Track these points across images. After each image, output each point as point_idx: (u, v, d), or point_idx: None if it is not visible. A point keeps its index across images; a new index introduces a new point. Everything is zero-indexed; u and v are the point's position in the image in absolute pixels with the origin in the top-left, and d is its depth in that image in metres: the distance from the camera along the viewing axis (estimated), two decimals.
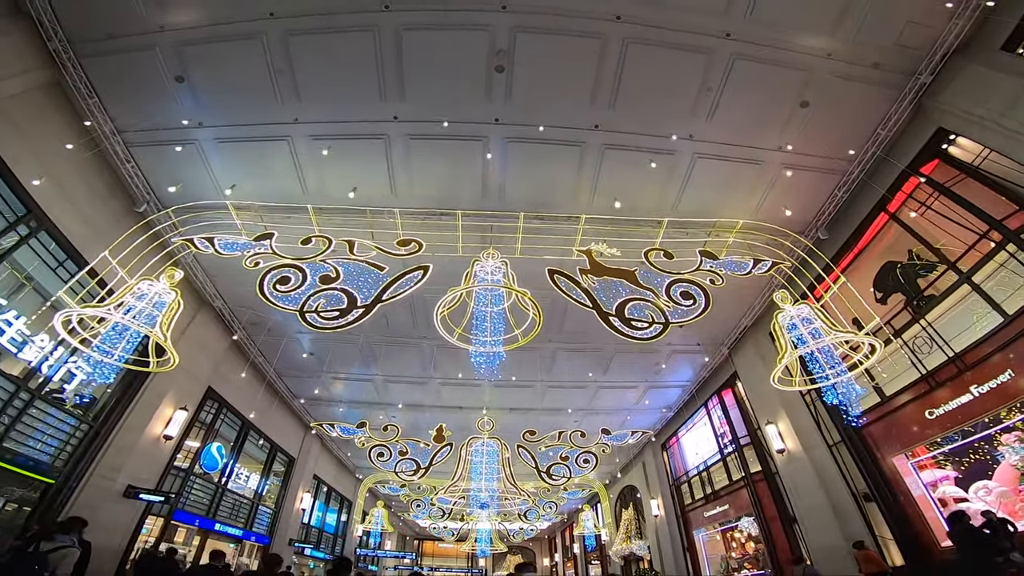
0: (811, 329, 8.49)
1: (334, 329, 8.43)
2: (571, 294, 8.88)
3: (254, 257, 9.20)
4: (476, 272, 9.24)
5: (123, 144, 9.75)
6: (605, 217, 10.23)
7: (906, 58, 8.27)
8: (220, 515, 13.60)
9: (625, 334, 8.40)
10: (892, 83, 8.59)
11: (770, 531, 12.57)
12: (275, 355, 13.67)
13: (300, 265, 9.17)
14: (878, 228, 10.61)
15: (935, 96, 8.44)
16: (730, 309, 12.56)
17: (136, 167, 10.15)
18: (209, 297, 12.28)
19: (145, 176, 10.36)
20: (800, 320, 8.66)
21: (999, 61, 7.58)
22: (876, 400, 10.25)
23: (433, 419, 14.82)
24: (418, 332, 12.35)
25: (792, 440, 11.80)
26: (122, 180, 10.15)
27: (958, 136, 8.59)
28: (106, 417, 10.64)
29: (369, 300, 8.76)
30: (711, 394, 14.83)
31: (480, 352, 8.26)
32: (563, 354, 13.13)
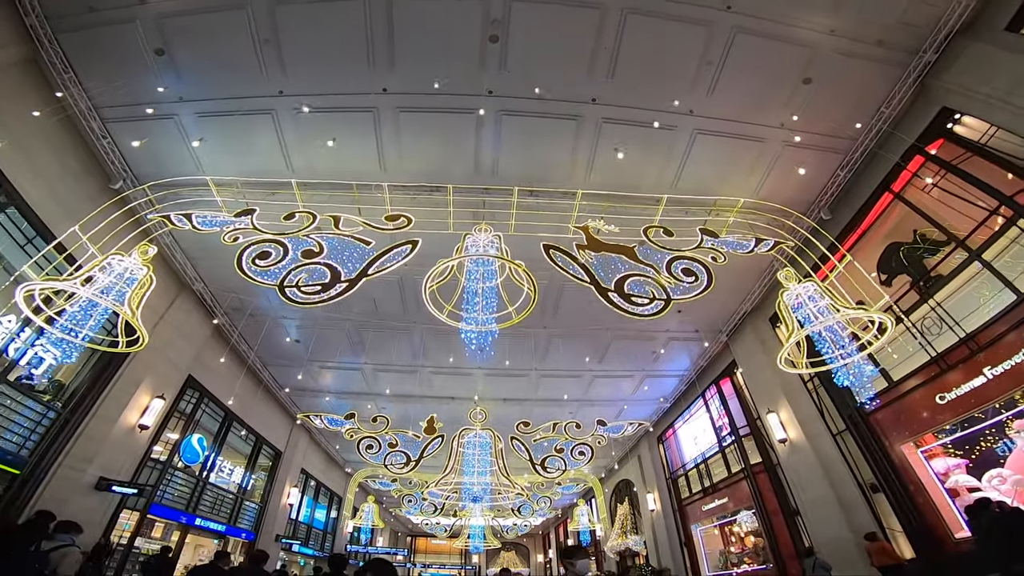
0: (818, 307, 8.01)
1: (315, 304, 7.85)
2: (568, 269, 8.33)
3: (233, 232, 8.66)
4: (468, 246, 8.67)
5: (99, 120, 9.23)
6: (602, 193, 9.71)
7: (910, 36, 7.98)
8: (201, 510, 12.86)
9: (625, 310, 7.91)
10: (896, 61, 8.28)
11: (771, 524, 12.01)
12: (259, 342, 12.98)
13: (281, 240, 8.64)
14: (882, 208, 10.20)
15: (939, 75, 8.13)
16: (729, 295, 12.04)
17: (113, 143, 9.59)
18: (189, 280, 11.59)
19: (122, 153, 9.81)
20: (807, 297, 8.17)
21: (1004, 41, 7.29)
22: (883, 385, 9.73)
23: (424, 410, 14.16)
24: (408, 316, 11.71)
25: (794, 429, 11.25)
26: (98, 157, 9.56)
27: (963, 115, 8.28)
28: (76, 405, 9.92)
29: (354, 275, 8.17)
30: (709, 383, 14.27)
31: (472, 330, 7.64)
32: (558, 341, 12.53)
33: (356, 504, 20.81)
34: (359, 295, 11.74)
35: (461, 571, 30.66)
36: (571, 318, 11.81)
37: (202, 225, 8.84)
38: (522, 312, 8.18)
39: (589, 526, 20.62)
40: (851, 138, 9.60)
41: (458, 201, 9.66)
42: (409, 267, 10.99)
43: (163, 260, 11.22)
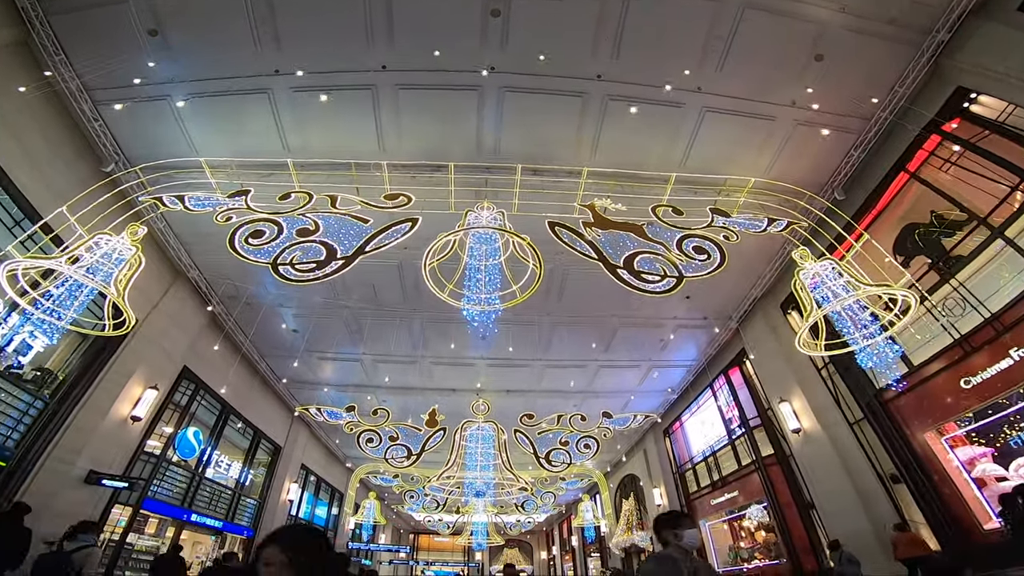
0: (837, 286, 7.54)
1: (310, 282, 7.44)
2: (574, 246, 7.87)
3: (226, 212, 8.29)
4: (470, 223, 8.21)
5: (91, 103, 8.80)
6: (609, 170, 9.28)
7: (922, 15, 7.66)
8: (197, 505, 12.35)
9: (635, 287, 7.49)
10: (908, 40, 7.97)
11: (784, 518, 11.45)
12: (257, 332, 12.51)
13: (276, 219, 8.24)
14: (897, 188, 9.77)
15: (952, 55, 7.83)
16: (739, 279, 11.54)
17: (104, 126, 9.25)
18: (183, 267, 11.13)
19: (114, 136, 9.47)
20: (826, 274, 7.70)
21: (1018, 20, 7.00)
22: (904, 370, 9.19)
23: (425, 402, 13.66)
24: (408, 303, 11.21)
25: (808, 419, 10.70)
26: (89, 141, 9.15)
27: (979, 94, 7.98)
28: (65, 394, 9.44)
29: (350, 252, 7.74)
30: (718, 373, 13.73)
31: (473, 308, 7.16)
32: (562, 330, 12.03)
33: (358, 501, 20.26)
34: (358, 281, 11.32)
35: (464, 569, 30.02)
36: (576, 305, 11.31)
37: (195, 206, 8.50)
38: (527, 290, 7.70)
39: (594, 522, 20.03)
40: (864, 118, 9.24)
41: (459, 180, 9.23)
42: (409, 251, 10.57)
43: (157, 247, 10.78)
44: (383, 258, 10.80)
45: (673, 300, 11.88)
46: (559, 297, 11.25)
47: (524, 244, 7.60)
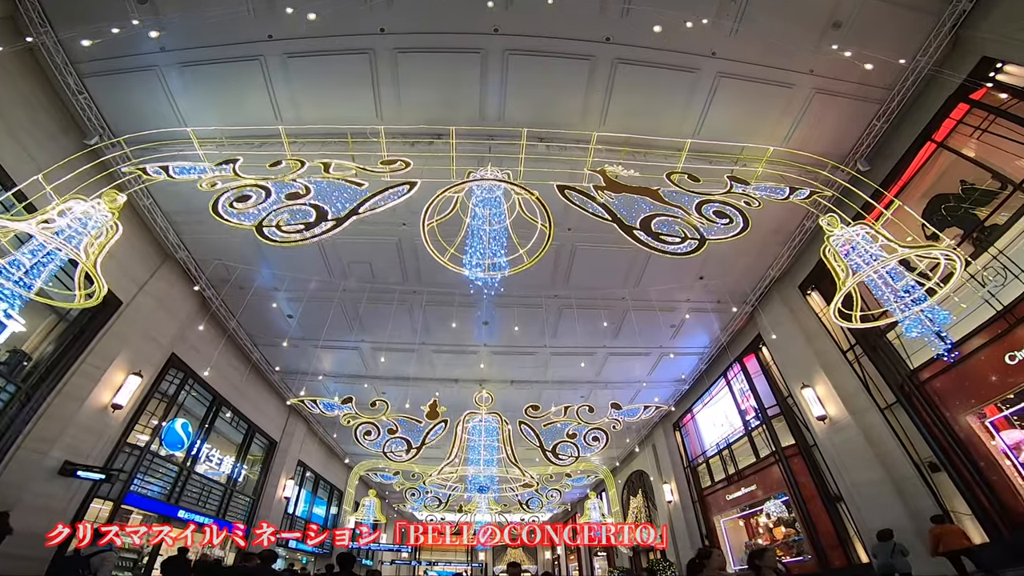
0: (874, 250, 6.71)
1: (296, 243, 6.65)
2: (586, 208, 7.06)
3: (212, 179, 7.53)
4: (474, 187, 7.38)
5: (76, 75, 8.12)
6: (620, 135, 8.48)
7: None
8: (185, 501, 11.41)
9: (653, 247, 6.72)
10: (930, 9, 7.43)
11: (808, 512, 10.46)
12: (249, 318, 11.66)
13: (264, 184, 7.46)
14: (924, 159, 8.98)
15: (975, 25, 7.37)
16: (753, 260, 10.71)
17: (90, 99, 8.60)
18: (171, 248, 10.31)
19: (99, 109, 8.72)
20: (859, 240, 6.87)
21: None
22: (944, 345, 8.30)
23: (425, 393, 12.74)
24: (408, 285, 10.35)
25: (835, 405, 9.77)
26: (73, 114, 8.45)
27: (1005, 63, 7.43)
28: (40, 380, 8.59)
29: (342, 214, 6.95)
30: (732, 361, 12.79)
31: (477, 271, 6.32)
32: (569, 313, 11.14)
33: (357, 499, 19.25)
34: (354, 259, 10.48)
35: (467, 569, 28.80)
36: (584, 286, 10.44)
37: (178, 174, 7.74)
38: (536, 254, 6.86)
39: (600, 520, 18.97)
40: (887, 87, 8.51)
41: (461, 148, 8.45)
42: (408, 228, 9.78)
43: (143, 225, 10.00)
44: (381, 236, 10.02)
45: (686, 282, 11.07)
46: (567, 277, 10.39)
47: (532, 200, 6.77)
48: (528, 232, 7.36)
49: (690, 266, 10.67)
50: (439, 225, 7.32)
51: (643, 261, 10.30)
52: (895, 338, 9.22)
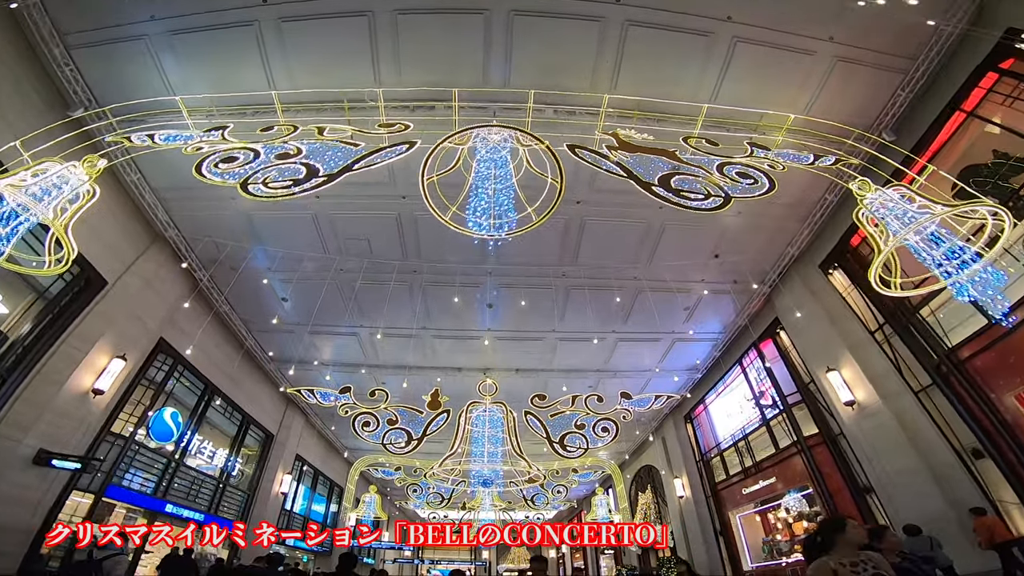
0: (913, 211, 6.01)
1: (282, 197, 5.98)
2: (599, 165, 6.35)
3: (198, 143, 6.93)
4: (478, 146, 6.68)
5: (63, 47, 7.52)
6: (632, 98, 7.77)
7: None
8: (174, 495, 10.61)
9: (673, 202, 6.04)
10: None
11: (835, 505, 9.59)
12: (243, 303, 10.93)
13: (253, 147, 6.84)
14: (953, 129, 8.27)
15: None
16: (770, 238, 9.96)
17: (76, 70, 7.97)
18: (160, 226, 9.61)
19: (86, 81, 8.10)
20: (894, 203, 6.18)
21: None
22: (981, 324, 7.52)
23: (427, 383, 11.97)
24: (408, 263, 9.60)
25: (864, 390, 8.94)
26: (59, 87, 7.82)
27: None
28: (16, 362, 7.86)
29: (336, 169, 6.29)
30: (748, 346, 11.96)
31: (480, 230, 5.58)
32: (578, 295, 10.36)
33: (358, 495, 18.37)
34: (351, 235, 9.76)
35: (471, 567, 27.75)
36: (594, 263, 9.68)
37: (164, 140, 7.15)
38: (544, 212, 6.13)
39: (608, 517, 18.05)
40: (910, 57, 7.79)
41: (464, 113, 7.76)
42: (408, 201, 9.06)
43: (131, 203, 9.35)
44: (380, 210, 9.31)
45: (700, 259, 10.31)
46: (575, 254, 9.63)
47: (542, 150, 6.05)
48: (536, 194, 6.64)
49: (705, 243, 9.93)
50: (441, 186, 6.61)
51: (656, 236, 9.55)
52: (929, 315, 8.43)
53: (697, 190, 6.34)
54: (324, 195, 9.23)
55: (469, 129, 6.32)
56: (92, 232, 8.99)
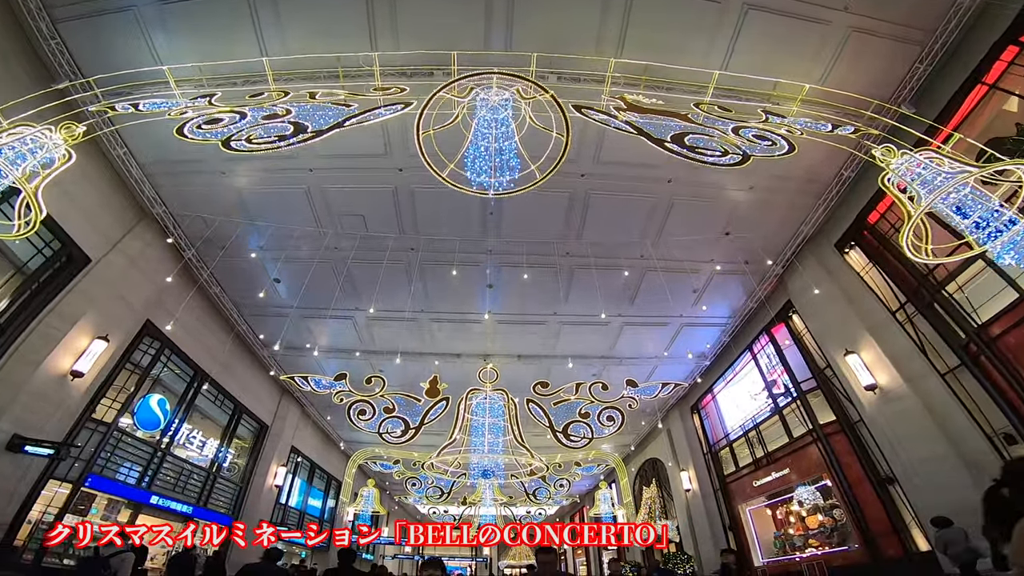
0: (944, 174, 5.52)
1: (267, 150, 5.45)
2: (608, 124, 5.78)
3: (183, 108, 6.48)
4: (478, 105, 6.10)
5: (49, 20, 7.12)
6: (640, 63, 7.21)
7: None
8: (160, 486, 9.98)
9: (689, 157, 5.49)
10: None
11: (854, 497, 8.93)
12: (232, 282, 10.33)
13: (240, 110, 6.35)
14: (975, 102, 7.71)
15: None
16: (784, 214, 9.37)
17: (62, 44, 7.50)
18: (147, 202, 9.04)
19: (72, 54, 7.65)
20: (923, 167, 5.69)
21: None
22: (1012, 298, 6.91)
23: (425, 370, 11.35)
24: (405, 240, 9.00)
25: (885, 373, 8.30)
26: (46, 62, 7.36)
27: None
28: None
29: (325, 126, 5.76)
30: (759, 332, 11.32)
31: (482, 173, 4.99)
32: (582, 275, 9.75)
33: (356, 489, 17.68)
34: (347, 212, 9.17)
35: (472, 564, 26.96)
36: (599, 241, 9.07)
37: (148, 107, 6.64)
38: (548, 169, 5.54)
39: (611, 512, 17.35)
40: (928, 30, 7.31)
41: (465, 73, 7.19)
42: (405, 173, 8.49)
43: (118, 179, 8.82)
44: (375, 184, 8.72)
45: (710, 239, 9.70)
46: (580, 232, 9.04)
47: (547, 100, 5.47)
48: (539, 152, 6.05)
49: (715, 221, 9.34)
50: (438, 143, 6.03)
51: (664, 212, 8.96)
52: (956, 290, 7.80)
53: (713, 147, 5.77)
54: (317, 169, 8.70)
55: (468, 77, 5.72)
56: (75, 208, 8.45)
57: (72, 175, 8.41)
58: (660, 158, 8.49)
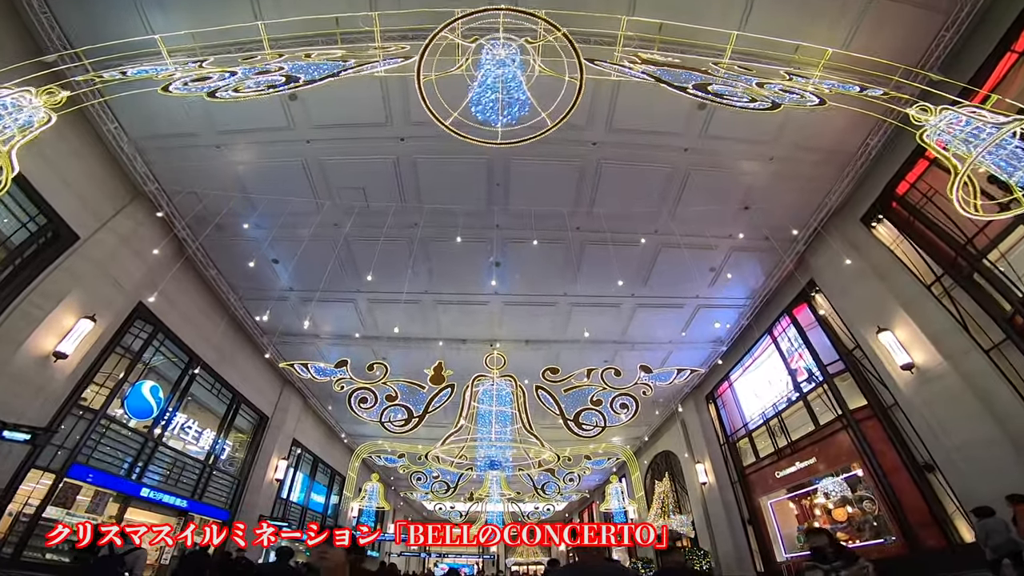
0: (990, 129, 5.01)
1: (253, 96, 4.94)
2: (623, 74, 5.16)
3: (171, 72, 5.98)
4: (483, 59, 5.48)
5: None
6: (653, 21, 6.60)
7: None
8: (151, 478, 9.34)
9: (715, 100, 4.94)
10: None
11: (890, 486, 8.16)
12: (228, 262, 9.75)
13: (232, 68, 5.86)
14: (1005, 70, 7.15)
15: None
16: (805, 187, 8.73)
17: (52, 18, 6.98)
18: (140, 179, 8.49)
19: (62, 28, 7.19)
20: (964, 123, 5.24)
21: None
22: None
23: (429, 357, 10.68)
24: (407, 214, 8.37)
25: (923, 350, 7.57)
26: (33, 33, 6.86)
27: None
28: None
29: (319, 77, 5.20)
30: (779, 314, 10.59)
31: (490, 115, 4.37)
32: (593, 250, 9.09)
33: (360, 484, 16.96)
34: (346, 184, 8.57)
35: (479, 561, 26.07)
36: (611, 213, 8.41)
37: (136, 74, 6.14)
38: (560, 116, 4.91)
39: (622, 507, 16.52)
40: None
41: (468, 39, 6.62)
42: (407, 144, 7.84)
43: (109, 155, 8.30)
44: (376, 155, 8.13)
45: (728, 213, 9.02)
46: (591, 205, 8.39)
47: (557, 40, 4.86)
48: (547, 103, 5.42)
49: (734, 193, 8.67)
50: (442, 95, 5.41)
51: (680, 183, 8.30)
52: (998, 259, 7.08)
53: (739, 95, 5.17)
54: (315, 140, 8.11)
55: (474, 14, 5.12)
56: (63, 184, 7.92)
57: (60, 151, 7.96)
58: (676, 124, 7.88)
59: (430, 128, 7.73)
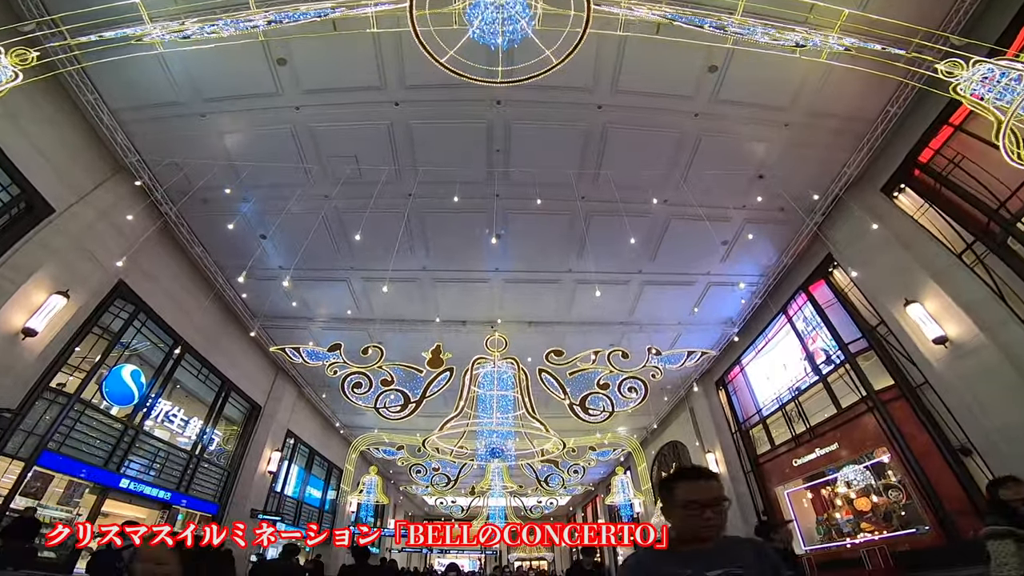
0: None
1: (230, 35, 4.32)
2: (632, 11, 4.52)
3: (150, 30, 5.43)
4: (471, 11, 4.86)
5: None
6: None
7: None
8: (132, 468, 8.65)
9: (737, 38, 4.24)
10: None
11: (923, 472, 7.44)
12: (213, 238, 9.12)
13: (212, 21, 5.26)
14: None
15: None
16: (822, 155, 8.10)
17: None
18: (120, 151, 7.88)
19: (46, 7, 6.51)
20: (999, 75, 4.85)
21: None
22: None
23: (427, 340, 10.01)
24: (402, 183, 7.73)
25: (956, 323, 6.89)
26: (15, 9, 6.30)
27: None
28: None
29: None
30: (795, 291, 9.90)
31: None
32: (599, 223, 8.45)
33: (358, 478, 16.23)
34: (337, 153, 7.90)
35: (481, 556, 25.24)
36: (618, 181, 7.76)
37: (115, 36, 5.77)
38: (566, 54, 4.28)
39: (628, 500, 15.77)
40: None
41: None
42: (402, 108, 7.19)
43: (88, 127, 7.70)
44: (368, 121, 7.50)
45: (741, 181, 8.37)
46: (596, 172, 7.75)
47: None
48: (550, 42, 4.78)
49: (747, 160, 8.03)
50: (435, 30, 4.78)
51: (691, 149, 7.67)
52: None
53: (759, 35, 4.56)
54: (305, 107, 7.50)
55: None
56: (39, 154, 7.30)
57: (36, 120, 7.36)
58: (686, 87, 7.25)
59: (427, 92, 7.16)
